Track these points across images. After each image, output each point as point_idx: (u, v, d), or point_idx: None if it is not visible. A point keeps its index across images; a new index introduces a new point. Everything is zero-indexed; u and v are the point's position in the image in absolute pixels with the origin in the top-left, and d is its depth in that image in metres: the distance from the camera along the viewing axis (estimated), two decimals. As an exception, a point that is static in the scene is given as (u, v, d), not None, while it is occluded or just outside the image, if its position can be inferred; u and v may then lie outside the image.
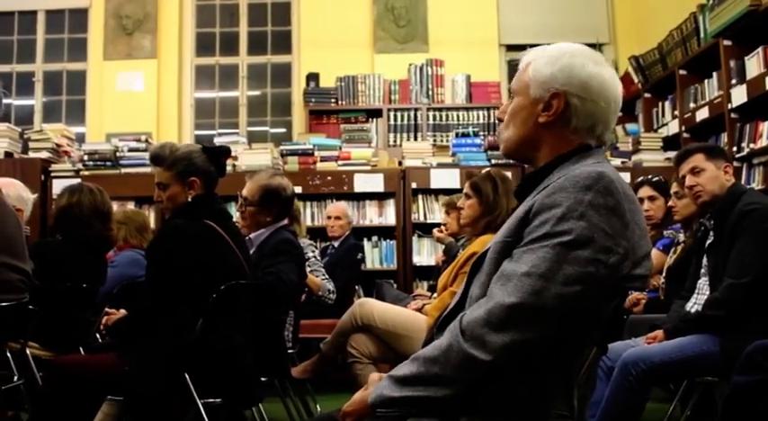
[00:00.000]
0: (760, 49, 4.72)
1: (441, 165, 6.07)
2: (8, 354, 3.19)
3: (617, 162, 6.01)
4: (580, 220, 1.42)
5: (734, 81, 5.05)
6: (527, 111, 1.64)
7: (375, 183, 5.98)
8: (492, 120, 7.14)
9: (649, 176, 4.47)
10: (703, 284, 3.29)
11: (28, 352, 3.28)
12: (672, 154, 5.43)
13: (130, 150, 6.04)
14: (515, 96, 1.69)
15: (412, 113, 7.22)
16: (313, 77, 7.49)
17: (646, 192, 4.28)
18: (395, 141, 7.10)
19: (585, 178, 1.45)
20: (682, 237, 3.91)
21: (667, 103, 6.44)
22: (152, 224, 5.39)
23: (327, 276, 4.92)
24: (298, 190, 4.63)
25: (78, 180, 5.20)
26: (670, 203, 3.94)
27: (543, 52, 1.66)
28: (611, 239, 1.43)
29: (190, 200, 2.93)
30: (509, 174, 3.69)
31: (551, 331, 1.43)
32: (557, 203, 1.45)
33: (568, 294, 1.41)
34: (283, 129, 8.07)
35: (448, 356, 1.43)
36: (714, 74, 5.44)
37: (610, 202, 1.44)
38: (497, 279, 1.47)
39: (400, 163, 6.26)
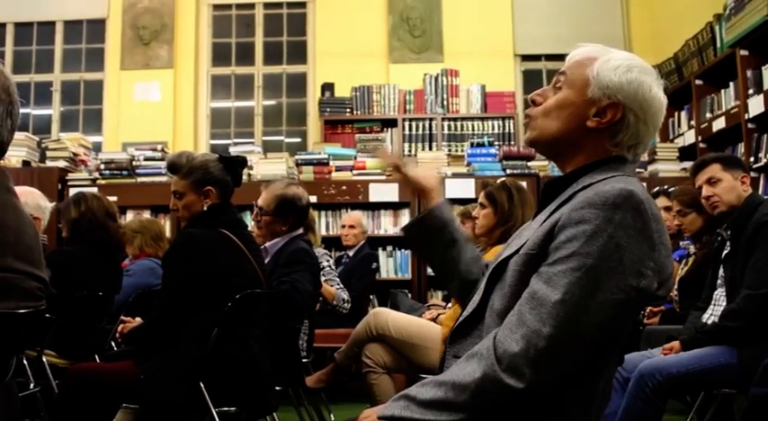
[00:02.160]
0: (777, 59, 4.70)
1: (456, 175, 6.07)
2: (25, 362, 3.21)
3: (632, 172, 5.98)
4: (610, 242, 1.38)
5: (751, 91, 5.03)
6: (576, 109, 1.57)
7: (390, 193, 5.98)
8: (507, 130, 7.13)
9: (665, 187, 4.46)
10: (720, 295, 3.27)
11: (44, 359, 3.29)
12: (688, 164, 5.41)
13: (146, 159, 6.09)
14: (566, 87, 1.59)
15: (427, 123, 7.23)
16: (328, 87, 7.51)
17: (661, 202, 4.28)
18: (410, 151, 7.11)
19: (616, 196, 1.41)
20: (692, 249, 3.90)
21: (684, 114, 6.42)
22: (167, 233, 5.42)
23: (342, 286, 4.92)
24: (313, 199, 4.64)
25: (95, 189, 5.24)
26: (676, 222, 3.92)
27: (612, 55, 1.58)
28: (640, 262, 1.40)
29: (205, 209, 2.95)
30: (524, 183, 3.68)
31: (586, 358, 1.42)
32: (585, 219, 1.41)
33: (603, 322, 1.39)
34: (298, 139, 8.09)
35: (482, 385, 1.39)
36: (731, 84, 5.42)
37: (638, 224, 1.40)
38: (528, 301, 1.43)
39: (415, 173, 6.25)
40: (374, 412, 1.50)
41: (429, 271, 5.95)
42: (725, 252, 3.26)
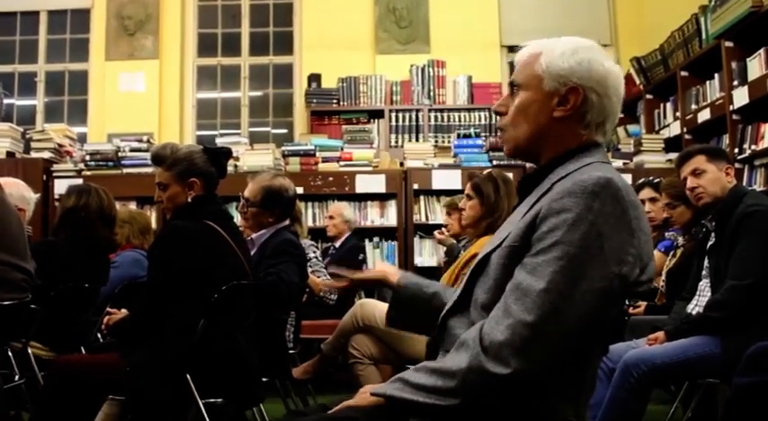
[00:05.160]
0: (762, 51, 4.72)
1: (442, 166, 6.07)
2: (10, 354, 3.19)
3: (618, 163, 6.01)
4: (591, 229, 1.40)
5: (735, 82, 5.05)
6: (539, 105, 1.59)
7: (376, 184, 5.98)
8: (494, 122, 7.14)
9: (651, 178, 4.47)
10: (704, 286, 3.29)
11: (30, 351, 3.28)
12: (673, 155, 5.43)
13: (132, 150, 6.05)
14: (522, 90, 1.61)
15: (413, 114, 7.23)
16: (315, 78, 7.50)
17: (647, 193, 4.29)
18: (396, 142, 7.11)
19: (594, 184, 1.43)
20: (681, 240, 3.92)
21: (669, 105, 6.44)
22: (153, 224, 5.40)
23: (329, 277, 4.92)
24: (299, 190, 4.63)
25: (80, 180, 5.21)
26: (665, 215, 3.95)
27: (554, 44, 1.60)
28: (621, 249, 1.42)
29: (190, 200, 2.94)
30: (511, 175, 3.69)
31: (571, 346, 1.43)
32: (565, 208, 1.43)
33: (587, 309, 1.41)
34: (285, 130, 8.07)
35: (468, 374, 1.42)
36: (716, 75, 5.45)
37: (617, 211, 1.42)
38: (513, 291, 1.45)
39: (402, 164, 6.26)
40: (372, 389, 1.56)
41: (416, 262, 5.97)
42: (710, 243, 3.28)
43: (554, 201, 1.45)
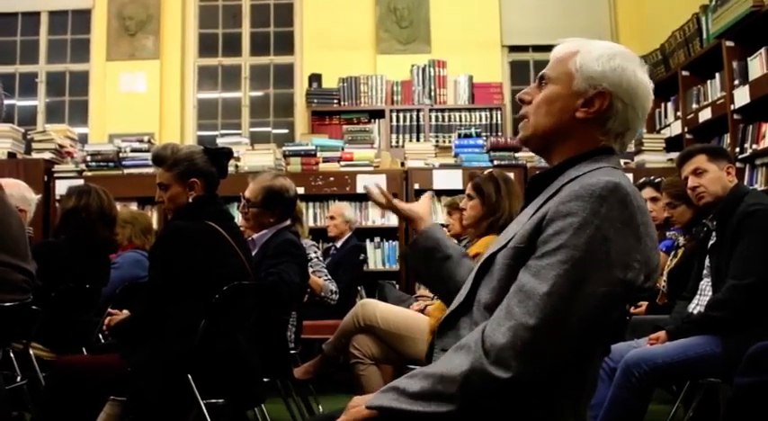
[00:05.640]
0: (763, 50, 4.71)
1: (443, 166, 6.07)
2: (11, 355, 3.20)
3: (620, 163, 6.00)
4: (597, 234, 1.39)
5: (737, 82, 5.04)
6: (564, 102, 1.58)
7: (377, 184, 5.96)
8: (494, 122, 7.14)
9: (651, 177, 4.47)
10: (706, 285, 3.29)
11: (31, 352, 3.28)
12: (674, 155, 5.43)
13: (133, 151, 6.05)
14: (551, 83, 1.61)
15: (414, 114, 7.22)
16: (315, 78, 7.49)
17: (648, 193, 4.28)
18: (397, 142, 7.10)
19: (602, 188, 1.42)
20: (682, 240, 3.92)
21: (670, 104, 6.44)
22: (155, 225, 5.41)
23: (330, 277, 4.92)
24: (300, 191, 4.63)
25: (81, 181, 5.21)
26: (666, 214, 3.95)
27: (592, 46, 1.60)
28: (627, 255, 1.41)
29: (191, 201, 2.94)
30: (511, 174, 3.69)
31: (573, 349, 1.43)
32: (572, 212, 1.42)
33: (590, 314, 1.40)
34: (285, 130, 8.07)
35: (470, 377, 1.41)
36: (717, 75, 5.44)
37: (624, 216, 1.41)
38: (516, 294, 1.44)
39: (403, 164, 6.26)
40: (363, 400, 1.51)
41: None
42: (711, 242, 3.28)
43: (561, 204, 1.45)
